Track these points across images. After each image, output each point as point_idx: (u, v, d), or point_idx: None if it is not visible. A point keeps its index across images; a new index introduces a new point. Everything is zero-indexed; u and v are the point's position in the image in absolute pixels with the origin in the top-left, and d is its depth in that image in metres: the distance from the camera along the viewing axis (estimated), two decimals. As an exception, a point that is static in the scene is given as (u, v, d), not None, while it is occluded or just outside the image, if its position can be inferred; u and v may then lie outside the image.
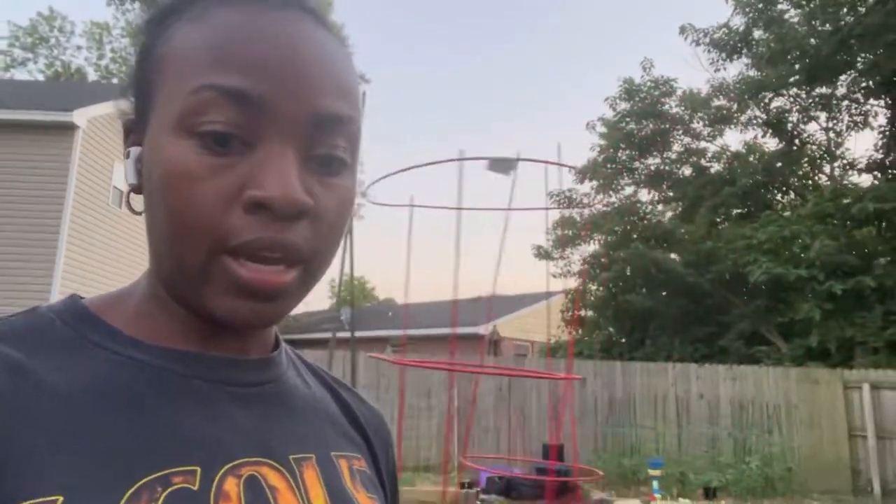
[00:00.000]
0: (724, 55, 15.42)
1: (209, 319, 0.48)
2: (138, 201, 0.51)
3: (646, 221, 16.32)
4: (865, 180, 14.49)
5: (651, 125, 16.21)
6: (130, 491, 0.40)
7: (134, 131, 0.51)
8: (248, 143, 0.45)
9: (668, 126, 16.26)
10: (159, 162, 0.46)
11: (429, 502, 8.12)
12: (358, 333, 21.13)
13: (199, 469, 0.44)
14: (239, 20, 0.46)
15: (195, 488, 0.43)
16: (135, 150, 0.50)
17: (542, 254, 17.30)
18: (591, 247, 17.02)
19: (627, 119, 16.46)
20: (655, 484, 6.08)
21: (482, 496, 8.41)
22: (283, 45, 0.46)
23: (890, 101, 14.25)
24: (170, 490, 0.41)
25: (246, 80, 0.44)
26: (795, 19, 14.33)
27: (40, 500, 0.37)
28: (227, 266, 0.45)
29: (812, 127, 15.76)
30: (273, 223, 0.45)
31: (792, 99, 15.43)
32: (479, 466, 8.74)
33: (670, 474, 8.17)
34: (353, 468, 0.55)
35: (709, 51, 15.56)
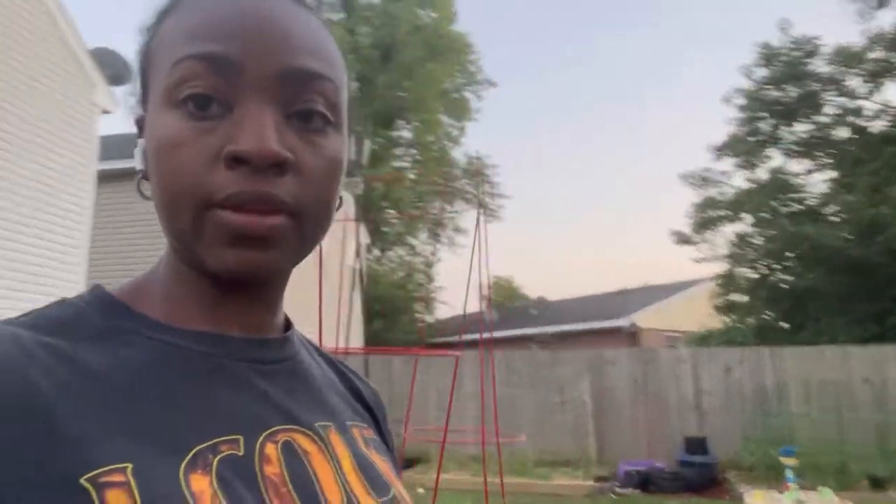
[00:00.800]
0: (873, 3, 13.81)
1: (208, 275, 0.51)
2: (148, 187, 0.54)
3: (797, 194, 15.01)
4: None
5: (796, 90, 14.91)
6: (187, 458, 0.43)
7: (142, 125, 0.54)
8: (226, 105, 0.48)
9: (816, 88, 14.86)
10: (151, 138, 0.50)
11: (564, 496, 8.18)
12: (502, 333, 21.44)
13: (241, 438, 0.47)
14: (216, 1, 0.50)
15: (241, 454, 0.46)
16: (140, 142, 0.54)
17: (682, 239, 16.53)
18: (737, 227, 15.96)
19: (768, 86, 15.27)
20: (789, 472, 5.68)
21: (618, 490, 8.30)
22: (253, 14, 0.49)
23: None
24: (220, 456, 0.45)
25: (218, 45, 0.48)
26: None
27: (113, 466, 0.40)
28: (215, 216, 0.47)
29: None
30: (253, 176, 0.46)
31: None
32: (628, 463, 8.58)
33: (827, 464, 7.52)
34: (364, 436, 0.60)
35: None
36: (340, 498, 0.51)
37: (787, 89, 14.92)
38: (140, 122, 0.55)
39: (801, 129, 15.47)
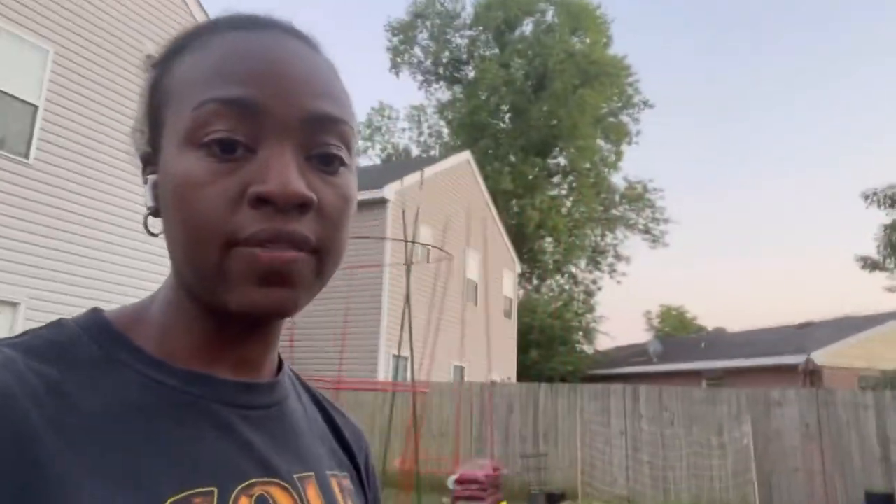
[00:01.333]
0: None
1: (229, 316, 0.51)
2: (157, 225, 0.55)
3: None
4: None
5: None
6: None
7: (150, 162, 0.55)
8: (250, 148, 0.49)
9: None
10: (170, 176, 0.50)
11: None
12: (669, 366, 20.30)
13: (216, 490, 0.47)
14: (231, 43, 0.51)
15: None
16: (151, 178, 0.54)
17: (871, 265, 14.65)
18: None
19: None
20: None
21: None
22: (273, 58, 0.50)
23: None
24: None
25: (242, 89, 0.48)
26: None
27: None
28: (240, 254, 0.47)
29: None
30: (277, 216, 0.47)
31: None
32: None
33: None
34: (342, 486, 0.59)
35: None
36: None
37: None
38: (148, 161, 0.55)
39: None
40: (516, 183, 26.76)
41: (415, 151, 34.05)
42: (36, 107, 7.67)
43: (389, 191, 13.99)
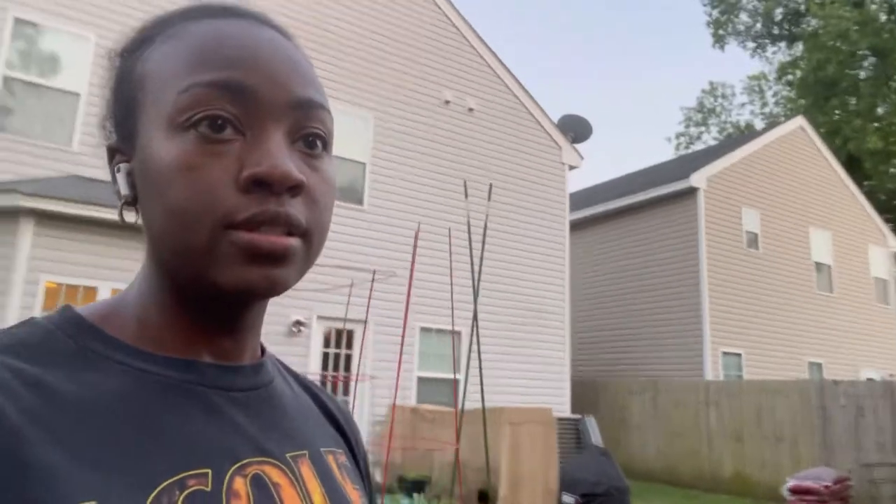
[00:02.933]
0: None
1: (212, 301, 0.51)
2: (130, 215, 0.54)
3: None
4: None
5: None
6: (153, 494, 0.43)
7: (120, 150, 0.54)
8: (239, 130, 0.49)
9: None
10: (156, 161, 0.49)
11: None
12: None
13: (210, 471, 0.47)
14: (211, 29, 0.51)
15: (208, 490, 0.46)
16: (124, 166, 0.53)
17: None
18: None
19: None
20: None
21: None
22: (256, 44, 0.51)
23: None
24: (186, 492, 0.44)
25: (229, 72, 0.49)
26: None
27: (78, 503, 0.39)
28: (234, 237, 0.47)
29: None
30: (270, 198, 0.48)
31: None
32: None
33: None
34: (339, 462, 0.60)
35: None
36: None
37: None
38: (117, 149, 0.54)
39: None
40: (888, 140, 22.15)
41: (759, 125, 30.79)
42: (364, 164, 9.67)
43: (699, 178, 13.19)
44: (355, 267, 8.81)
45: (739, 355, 13.22)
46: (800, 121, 16.17)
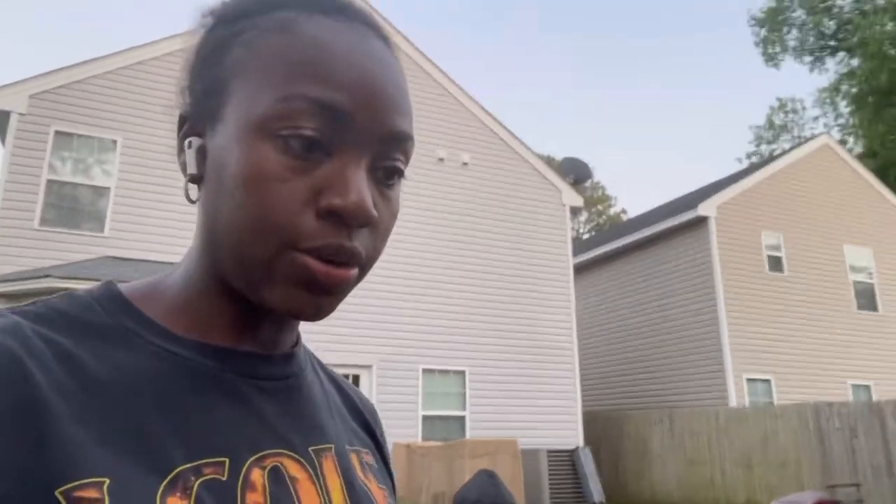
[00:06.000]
0: None
1: (266, 310, 0.51)
2: (194, 190, 0.53)
3: None
4: None
5: None
6: (168, 479, 0.43)
7: (192, 121, 0.52)
8: (326, 152, 0.48)
9: None
10: (236, 160, 0.48)
11: None
12: None
13: (227, 460, 0.46)
14: (323, 34, 0.50)
15: (224, 479, 0.45)
16: (196, 142, 0.52)
17: None
18: None
19: None
20: None
21: None
22: (364, 66, 0.49)
23: None
24: (201, 480, 0.44)
25: (336, 94, 0.47)
26: None
27: (89, 479, 0.40)
28: (297, 260, 0.47)
29: None
30: (342, 230, 0.48)
31: None
32: None
33: None
34: (363, 461, 0.59)
35: None
36: None
37: None
38: (188, 118, 0.53)
39: None
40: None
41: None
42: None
43: (708, 207, 13.31)
44: (354, 321, 9.75)
45: (768, 381, 12.98)
46: (825, 139, 15.89)
